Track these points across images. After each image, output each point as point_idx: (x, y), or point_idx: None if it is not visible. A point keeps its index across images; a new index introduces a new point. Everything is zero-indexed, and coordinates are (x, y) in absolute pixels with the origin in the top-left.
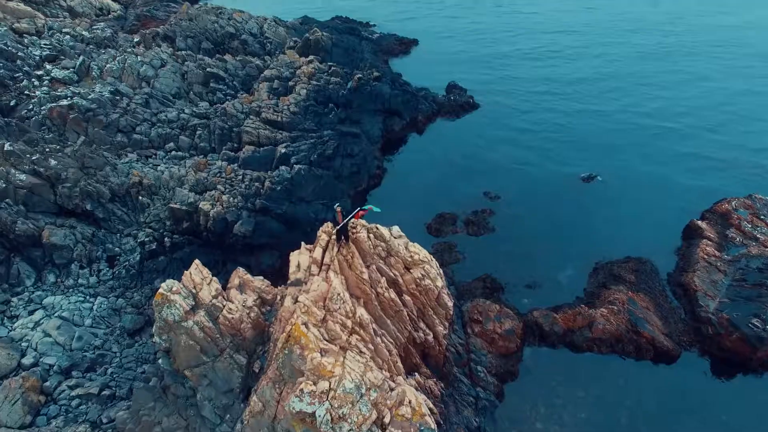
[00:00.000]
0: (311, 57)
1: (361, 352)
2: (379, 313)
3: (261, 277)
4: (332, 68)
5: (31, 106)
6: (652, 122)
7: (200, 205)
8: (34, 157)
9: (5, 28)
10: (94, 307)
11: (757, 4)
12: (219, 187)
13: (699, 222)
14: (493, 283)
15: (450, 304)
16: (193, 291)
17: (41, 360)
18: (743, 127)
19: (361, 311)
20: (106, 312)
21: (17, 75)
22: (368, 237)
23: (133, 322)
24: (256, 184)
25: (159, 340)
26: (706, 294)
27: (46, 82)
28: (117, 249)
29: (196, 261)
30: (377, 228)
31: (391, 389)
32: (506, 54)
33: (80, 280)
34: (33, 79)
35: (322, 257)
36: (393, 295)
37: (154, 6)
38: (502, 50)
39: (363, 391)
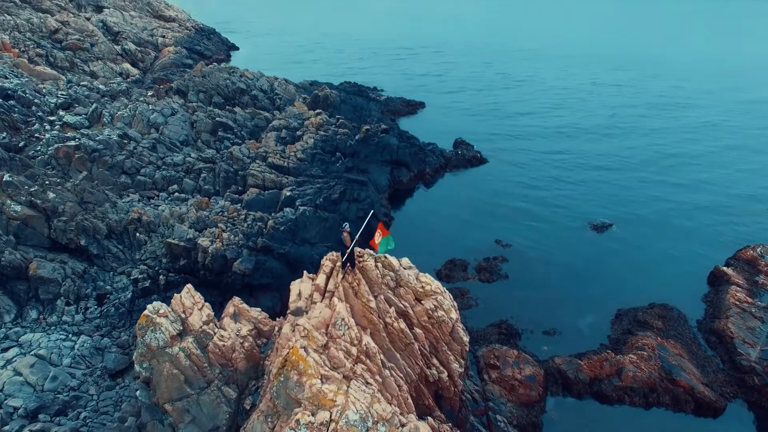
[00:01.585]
0: (319, 110)
1: (367, 383)
2: (387, 346)
3: (259, 309)
4: (340, 120)
5: (39, 147)
6: (665, 179)
7: (199, 241)
8: (32, 189)
9: (27, 79)
10: (76, 346)
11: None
12: (220, 225)
13: (724, 268)
14: (509, 329)
15: (466, 339)
16: (182, 315)
17: (5, 402)
18: (757, 183)
19: (367, 339)
20: (88, 351)
21: (30, 119)
22: (376, 266)
23: (116, 362)
24: (259, 223)
25: (139, 369)
26: (744, 341)
27: (57, 127)
28: (108, 287)
29: (188, 285)
30: (386, 257)
31: (402, 425)
32: (514, 118)
33: (65, 317)
34: (45, 124)
35: (326, 284)
36: (403, 325)
37: (171, 71)
38: (510, 114)
39: (369, 424)
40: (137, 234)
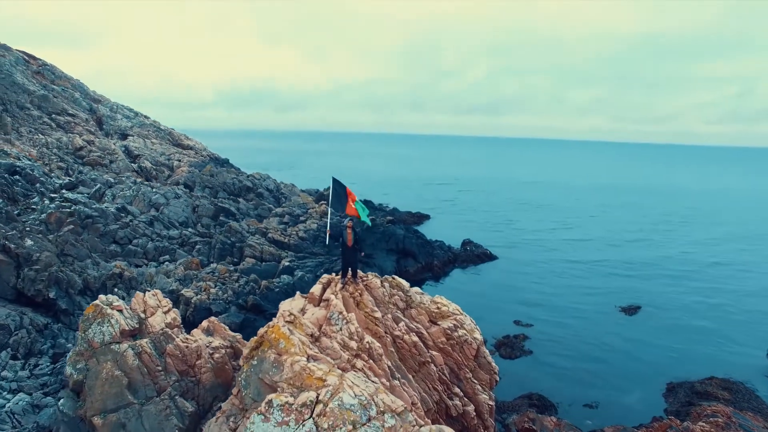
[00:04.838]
0: (323, 202)
1: (370, 380)
2: (396, 363)
3: (240, 334)
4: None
5: (32, 215)
6: (691, 282)
7: (182, 292)
8: (8, 233)
9: (39, 164)
10: (8, 404)
11: None
12: (209, 282)
13: None
14: (541, 400)
15: (495, 367)
16: (142, 315)
17: None
18: None
19: (371, 339)
20: (21, 408)
21: (31, 194)
22: (382, 285)
23: (52, 419)
24: (252, 284)
25: (71, 371)
26: None
27: (57, 202)
28: (69, 345)
29: (156, 291)
30: (394, 278)
31: (420, 425)
32: (523, 229)
33: (5, 372)
34: (45, 199)
35: (321, 294)
36: (416, 338)
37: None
38: (518, 226)
39: (372, 413)
40: (115, 289)
